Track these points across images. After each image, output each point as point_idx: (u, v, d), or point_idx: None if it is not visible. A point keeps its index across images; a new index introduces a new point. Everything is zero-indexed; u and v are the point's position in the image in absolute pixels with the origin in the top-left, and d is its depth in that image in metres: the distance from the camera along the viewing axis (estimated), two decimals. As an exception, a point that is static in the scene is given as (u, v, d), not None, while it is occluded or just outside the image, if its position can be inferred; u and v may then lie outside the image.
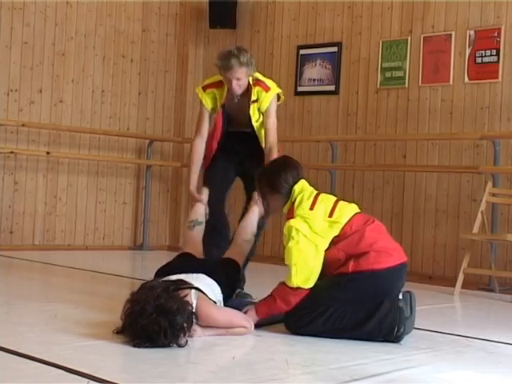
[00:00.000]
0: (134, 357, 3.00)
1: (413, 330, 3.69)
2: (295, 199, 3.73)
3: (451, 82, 6.82)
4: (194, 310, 3.29)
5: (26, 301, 4.38)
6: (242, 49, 4.41)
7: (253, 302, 3.91)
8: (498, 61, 6.54)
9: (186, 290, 3.35)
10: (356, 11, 7.51)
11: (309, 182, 3.87)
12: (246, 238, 4.23)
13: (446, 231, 6.77)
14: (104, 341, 3.23)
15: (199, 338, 3.35)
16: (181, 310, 3.15)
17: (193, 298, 3.35)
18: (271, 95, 4.48)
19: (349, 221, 3.66)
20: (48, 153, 7.54)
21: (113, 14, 8.23)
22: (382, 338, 3.55)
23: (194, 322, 3.26)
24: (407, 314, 3.57)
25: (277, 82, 4.67)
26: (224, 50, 4.45)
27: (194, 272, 3.66)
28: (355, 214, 3.73)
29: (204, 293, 3.47)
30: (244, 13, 8.37)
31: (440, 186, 6.84)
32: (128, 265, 7.49)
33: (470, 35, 6.72)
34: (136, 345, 3.11)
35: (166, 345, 3.12)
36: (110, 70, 8.22)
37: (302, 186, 3.78)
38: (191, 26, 8.71)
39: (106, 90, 8.19)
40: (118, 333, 3.28)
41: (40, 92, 7.67)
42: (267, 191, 3.85)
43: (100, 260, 7.38)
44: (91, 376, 2.61)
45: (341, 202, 3.77)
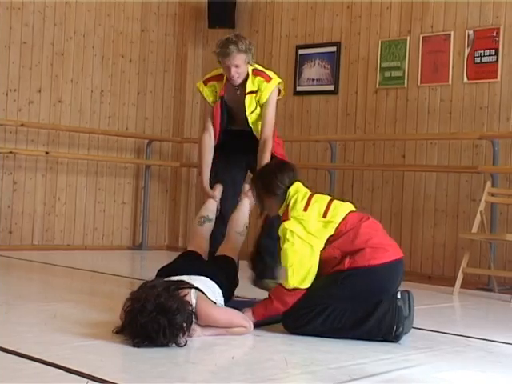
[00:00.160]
0: (134, 356, 3.00)
1: (412, 329, 3.70)
2: (290, 201, 3.73)
3: (450, 82, 6.82)
4: (193, 309, 3.30)
5: (25, 301, 4.38)
6: (240, 36, 4.36)
7: (253, 303, 3.90)
8: (496, 61, 6.54)
9: (186, 290, 3.35)
10: (355, 11, 7.51)
11: (307, 182, 3.87)
12: (238, 230, 4.22)
13: (445, 231, 6.77)
14: (103, 341, 3.22)
15: (198, 338, 3.35)
16: (181, 309, 3.15)
17: (192, 297, 3.35)
18: (272, 86, 4.38)
19: (343, 219, 3.66)
20: (47, 153, 7.54)
21: (112, 14, 8.23)
22: (381, 337, 3.55)
23: (193, 322, 3.27)
24: (406, 314, 3.57)
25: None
26: (222, 37, 4.38)
27: (196, 275, 3.66)
28: (350, 213, 3.73)
29: (204, 293, 3.47)
30: (243, 13, 8.36)
31: (439, 186, 6.84)
32: (127, 265, 7.49)
33: (468, 35, 6.72)
34: (135, 344, 3.10)
35: (165, 344, 3.11)
36: (108, 69, 8.21)
37: (297, 188, 3.78)
38: (190, 26, 8.71)
39: (105, 90, 8.19)
40: (117, 332, 3.28)
41: (39, 92, 7.67)
42: (263, 193, 3.85)
43: (99, 260, 7.37)
44: (90, 376, 2.61)
45: (335, 201, 3.77)
